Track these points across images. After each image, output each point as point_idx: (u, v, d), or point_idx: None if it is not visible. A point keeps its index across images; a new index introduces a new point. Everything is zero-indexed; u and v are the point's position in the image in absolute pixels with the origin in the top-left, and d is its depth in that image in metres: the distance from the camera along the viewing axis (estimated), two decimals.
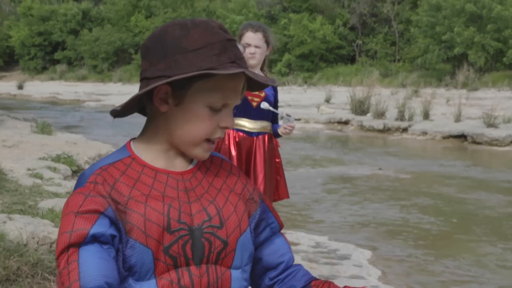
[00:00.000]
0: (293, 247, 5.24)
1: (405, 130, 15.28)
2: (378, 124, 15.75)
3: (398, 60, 36.39)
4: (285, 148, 12.42)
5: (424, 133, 14.58)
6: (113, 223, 1.38)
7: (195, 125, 1.46)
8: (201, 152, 1.50)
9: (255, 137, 4.15)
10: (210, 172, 1.56)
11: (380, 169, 10.53)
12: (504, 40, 29.55)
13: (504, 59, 29.43)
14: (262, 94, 4.19)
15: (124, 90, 33.90)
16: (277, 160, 4.32)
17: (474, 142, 13.36)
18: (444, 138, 14.03)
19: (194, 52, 1.41)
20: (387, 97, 17.60)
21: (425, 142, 13.96)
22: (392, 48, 37.17)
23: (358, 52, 38.27)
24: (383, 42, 37.31)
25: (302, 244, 5.85)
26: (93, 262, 1.33)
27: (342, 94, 22.28)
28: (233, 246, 1.49)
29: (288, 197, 4.36)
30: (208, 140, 1.49)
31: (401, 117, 15.96)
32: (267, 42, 4.25)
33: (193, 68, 1.40)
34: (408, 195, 8.44)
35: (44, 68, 52.85)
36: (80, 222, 1.35)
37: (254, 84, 1.55)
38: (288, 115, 4.13)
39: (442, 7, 30.74)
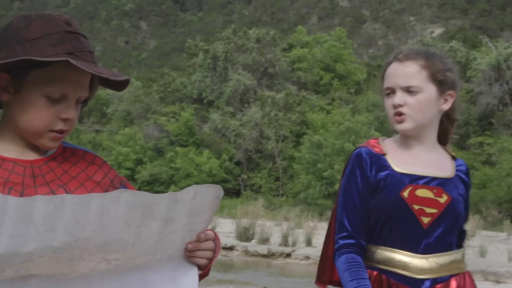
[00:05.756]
0: None
1: (288, 255, 15.50)
2: (263, 249, 15.90)
3: (282, 195, 37.26)
4: None
5: (307, 257, 14.83)
6: None
7: (32, 115, 1.47)
8: (47, 142, 1.50)
9: None
10: (68, 162, 1.56)
11: (264, 287, 10.55)
12: None
13: None
14: (443, 200, 2.09)
15: None
16: None
17: None
18: None
19: (31, 42, 1.44)
20: (271, 227, 17.95)
21: (308, 266, 14.15)
22: (276, 183, 38.15)
23: (243, 186, 38.93)
24: (268, 177, 38.28)
25: None
26: None
27: (227, 225, 22.30)
28: None
29: None
30: (53, 131, 1.49)
31: (285, 243, 16.23)
32: (438, 81, 2.14)
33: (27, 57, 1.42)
34: None
35: None
36: None
37: (109, 82, 1.53)
38: None
39: (323, 146, 32.27)
